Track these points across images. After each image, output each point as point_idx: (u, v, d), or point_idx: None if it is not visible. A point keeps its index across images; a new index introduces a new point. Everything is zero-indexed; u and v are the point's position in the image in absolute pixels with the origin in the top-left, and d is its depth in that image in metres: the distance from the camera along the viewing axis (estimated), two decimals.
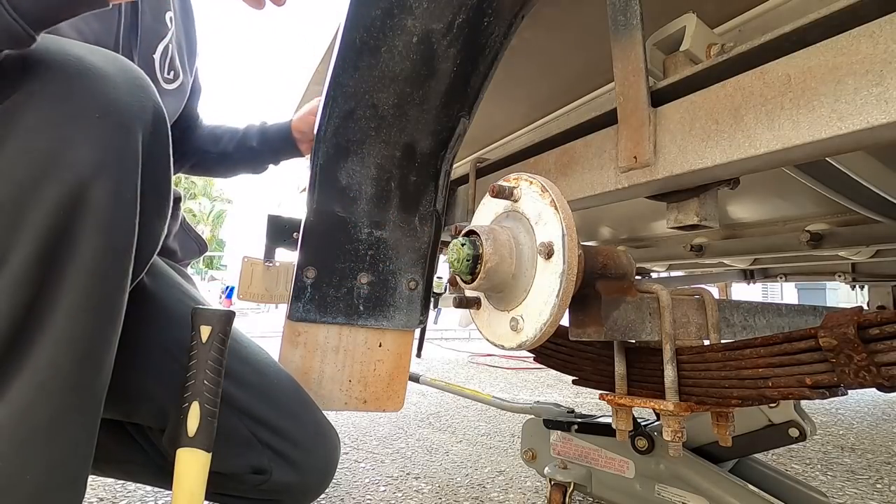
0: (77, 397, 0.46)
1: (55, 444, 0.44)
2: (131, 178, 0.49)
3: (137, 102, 0.50)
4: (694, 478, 0.82)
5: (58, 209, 0.44)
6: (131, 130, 0.49)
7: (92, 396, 0.48)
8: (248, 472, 0.73)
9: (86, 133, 0.46)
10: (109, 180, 0.47)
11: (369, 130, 0.85)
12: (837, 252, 1.37)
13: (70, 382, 0.45)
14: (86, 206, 0.45)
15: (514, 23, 0.81)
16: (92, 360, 0.47)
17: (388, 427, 1.71)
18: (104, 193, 0.46)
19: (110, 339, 0.50)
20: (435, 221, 0.96)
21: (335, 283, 0.88)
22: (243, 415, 0.73)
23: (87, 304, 0.46)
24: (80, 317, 0.45)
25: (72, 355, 0.45)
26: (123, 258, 0.49)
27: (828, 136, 0.45)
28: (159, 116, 0.53)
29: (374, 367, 0.91)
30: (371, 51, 0.82)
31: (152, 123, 0.52)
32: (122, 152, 0.48)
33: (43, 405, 0.43)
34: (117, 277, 0.49)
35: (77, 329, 0.45)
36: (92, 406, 0.48)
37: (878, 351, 0.43)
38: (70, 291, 0.45)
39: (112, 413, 0.73)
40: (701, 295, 0.64)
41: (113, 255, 0.48)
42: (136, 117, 0.50)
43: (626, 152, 0.64)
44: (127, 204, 0.49)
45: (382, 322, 0.90)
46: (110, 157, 0.47)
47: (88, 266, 0.46)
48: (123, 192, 0.48)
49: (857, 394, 2.40)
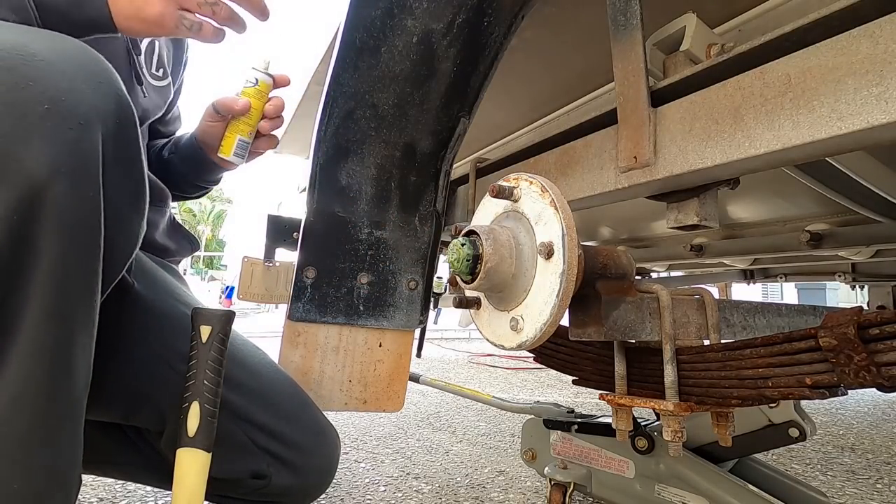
0: (55, 405, 0.44)
1: (37, 453, 0.43)
2: (90, 174, 0.45)
3: (94, 91, 0.46)
4: (694, 478, 0.82)
5: (10, 216, 0.41)
6: (88, 122, 0.45)
7: (71, 402, 0.46)
8: (247, 476, 0.73)
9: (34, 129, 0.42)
10: (66, 178, 0.43)
11: (369, 130, 0.85)
12: (837, 252, 1.37)
13: (46, 391, 0.43)
14: (43, 210, 0.42)
15: (514, 23, 0.81)
16: (66, 366, 0.45)
17: (388, 427, 1.71)
18: (61, 194, 0.43)
19: (85, 343, 0.48)
20: (435, 221, 0.96)
21: (335, 283, 0.88)
22: (240, 419, 0.73)
23: (54, 310, 0.44)
24: (48, 324, 0.43)
25: (44, 365, 0.43)
26: (90, 259, 0.47)
27: (828, 136, 0.45)
28: (123, 105, 0.49)
29: (374, 368, 0.91)
30: (371, 51, 0.82)
31: (115, 113, 0.48)
32: (80, 148, 0.44)
33: (19, 417, 0.42)
34: (85, 280, 0.47)
35: (47, 337, 0.43)
36: (72, 411, 0.47)
37: (878, 351, 0.43)
38: (35, 299, 0.43)
39: (109, 416, 0.73)
40: (701, 295, 0.64)
41: (77, 257, 0.45)
42: (93, 107, 0.46)
43: (626, 152, 0.64)
44: (88, 202, 0.45)
45: (382, 322, 0.90)
46: (64, 154, 0.43)
47: (52, 271, 0.43)
48: (83, 191, 0.45)
49: (857, 394, 2.40)
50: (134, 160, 0.52)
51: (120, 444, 0.81)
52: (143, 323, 0.73)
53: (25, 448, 0.43)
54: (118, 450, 0.81)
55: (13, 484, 0.42)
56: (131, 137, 0.51)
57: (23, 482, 0.42)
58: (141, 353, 0.71)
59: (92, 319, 0.48)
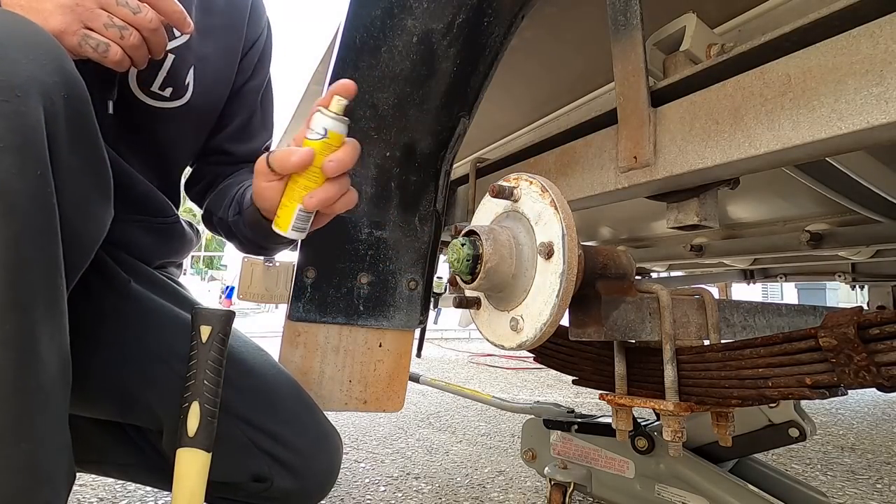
0: (24, 397, 0.43)
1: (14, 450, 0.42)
2: (35, 151, 0.42)
3: (31, 61, 0.43)
4: (694, 478, 0.82)
5: None
6: (27, 94, 0.42)
7: (44, 394, 0.45)
8: (248, 480, 0.72)
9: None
10: (7, 156, 0.40)
11: (369, 130, 0.85)
12: (837, 252, 1.37)
13: (15, 386, 0.42)
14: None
15: (514, 23, 0.81)
16: (33, 357, 0.43)
17: (388, 427, 1.71)
18: (3, 171, 0.40)
19: (52, 333, 0.45)
20: (435, 221, 0.96)
21: (335, 283, 0.88)
22: (241, 422, 0.72)
23: (12, 299, 0.41)
24: (7, 315, 0.41)
25: (8, 356, 0.41)
26: (47, 243, 0.44)
27: (828, 136, 0.45)
28: (69, 78, 0.46)
29: (374, 368, 0.91)
30: (371, 51, 0.82)
31: (60, 85, 0.44)
32: (19, 122, 0.41)
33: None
34: (44, 265, 0.44)
35: (7, 328, 0.41)
36: (46, 403, 0.45)
37: (878, 351, 0.43)
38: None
39: (104, 413, 0.73)
40: (701, 295, 0.64)
41: (31, 241, 0.42)
42: (31, 78, 0.42)
43: (626, 152, 0.64)
44: (37, 181, 0.42)
45: (382, 322, 0.90)
46: (2, 129, 0.40)
47: (3, 258, 0.40)
48: (29, 168, 0.42)
49: (857, 394, 2.40)
50: (89, 138, 0.49)
51: (121, 444, 0.81)
52: (140, 321, 0.72)
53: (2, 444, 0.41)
54: (118, 450, 0.81)
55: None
56: (82, 113, 0.47)
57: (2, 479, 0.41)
58: (137, 351, 0.71)
59: (59, 309, 0.46)
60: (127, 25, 0.53)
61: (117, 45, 0.53)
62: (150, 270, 0.80)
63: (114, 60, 0.54)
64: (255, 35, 0.86)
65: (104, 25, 0.52)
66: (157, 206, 0.78)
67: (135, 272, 0.76)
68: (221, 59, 0.80)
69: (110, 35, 0.52)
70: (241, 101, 0.86)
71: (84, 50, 0.52)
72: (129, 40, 0.54)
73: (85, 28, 0.51)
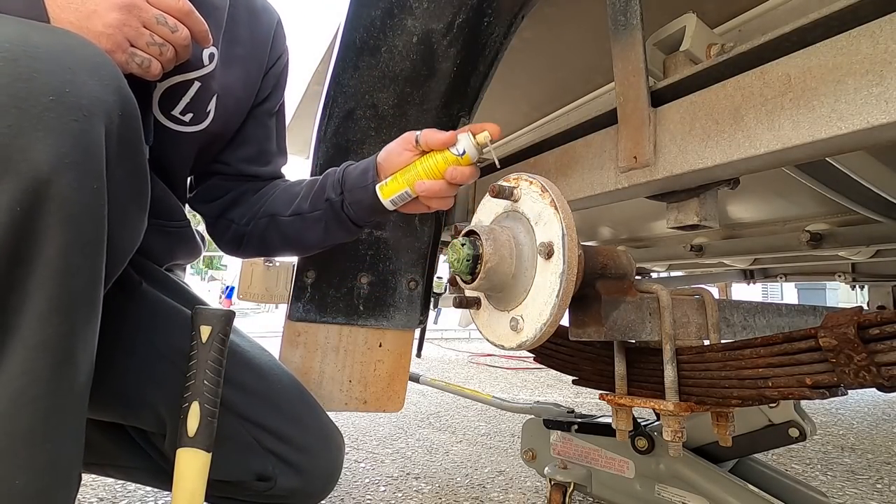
0: (58, 400, 0.44)
1: (40, 449, 0.43)
2: (95, 166, 0.45)
3: (97, 82, 0.46)
4: (694, 478, 0.82)
5: (13, 207, 0.41)
6: (92, 114, 0.45)
7: (74, 397, 0.46)
8: (252, 479, 0.73)
9: (39, 121, 0.42)
10: (71, 171, 0.43)
11: (369, 130, 0.85)
12: (837, 252, 1.37)
13: (50, 387, 0.43)
14: (47, 202, 0.42)
15: (514, 23, 0.81)
16: (70, 361, 0.45)
17: (388, 427, 1.71)
18: (66, 185, 0.43)
19: (88, 338, 0.47)
20: (435, 221, 0.96)
21: (335, 283, 0.88)
22: (246, 421, 0.73)
23: (58, 304, 0.43)
24: (52, 318, 0.43)
25: (48, 359, 0.43)
26: (94, 253, 0.47)
27: (828, 136, 0.45)
28: (125, 97, 0.49)
29: (374, 368, 0.91)
30: (371, 51, 0.82)
31: (118, 105, 0.47)
32: (85, 139, 0.44)
33: (22, 412, 0.42)
34: (89, 273, 0.46)
35: (50, 331, 0.43)
36: (75, 406, 0.47)
37: (878, 351, 0.43)
38: (38, 293, 0.42)
39: (112, 416, 0.73)
40: (701, 295, 0.64)
41: (81, 250, 0.45)
42: (97, 99, 0.45)
43: (626, 152, 0.64)
44: (93, 195, 0.45)
45: (382, 322, 0.90)
46: (69, 145, 0.43)
47: (55, 265, 0.43)
48: (88, 183, 0.45)
49: (857, 394, 2.40)
50: (137, 154, 0.52)
51: (122, 446, 0.81)
52: (149, 321, 0.72)
53: (28, 444, 0.42)
54: (120, 453, 0.81)
55: (16, 480, 0.42)
56: (134, 130, 0.50)
57: (26, 479, 0.42)
58: (145, 352, 0.71)
59: (95, 314, 0.48)
60: (165, 42, 0.57)
61: (158, 60, 0.58)
62: (160, 270, 0.81)
63: (153, 74, 0.58)
64: (274, 61, 0.87)
65: (147, 44, 0.56)
66: (171, 209, 0.79)
67: (146, 273, 0.76)
68: (242, 88, 0.82)
69: (152, 52, 0.57)
70: (255, 123, 0.87)
71: (131, 67, 0.56)
72: (166, 56, 0.58)
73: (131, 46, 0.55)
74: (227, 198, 0.86)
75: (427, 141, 0.67)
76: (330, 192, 0.75)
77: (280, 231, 0.80)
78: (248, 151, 0.86)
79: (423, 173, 0.67)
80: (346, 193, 0.73)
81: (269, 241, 0.82)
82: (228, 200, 0.86)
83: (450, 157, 0.66)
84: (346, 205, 0.73)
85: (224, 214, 0.86)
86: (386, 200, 0.69)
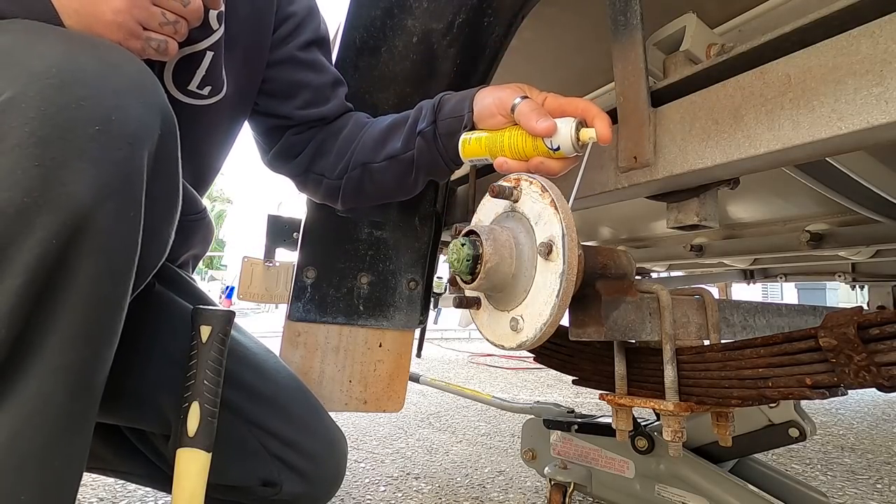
0: (69, 422, 0.44)
1: (48, 468, 0.43)
2: (135, 195, 0.44)
3: (142, 106, 0.45)
4: (694, 478, 0.82)
5: (49, 240, 0.40)
6: (138, 142, 0.44)
7: (85, 419, 0.46)
8: (257, 484, 0.72)
9: (83, 152, 0.40)
10: (110, 202, 0.42)
11: None
12: (837, 252, 1.37)
13: (64, 410, 0.43)
14: (84, 235, 0.41)
15: (514, 23, 0.81)
16: (87, 386, 0.45)
17: (388, 427, 1.71)
18: (104, 217, 0.42)
19: (106, 358, 0.47)
20: (435, 221, 0.96)
21: (335, 283, 0.88)
22: (254, 426, 0.72)
23: (83, 331, 0.43)
24: (75, 344, 0.43)
25: (66, 384, 0.43)
26: (124, 279, 0.46)
27: (828, 136, 0.45)
28: (168, 118, 0.48)
29: (374, 368, 0.91)
30: (371, 51, 0.82)
31: (161, 127, 0.46)
32: (128, 168, 0.43)
33: (35, 433, 0.42)
34: (117, 300, 0.46)
35: (72, 356, 0.43)
36: (85, 426, 0.47)
37: (878, 351, 0.43)
38: (65, 319, 0.42)
39: (119, 420, 0.72)
40: (701, 295, 0.64)
41: (112, 278, 0.45)
42: (142, 125, 0.44)
43: (626, 152, 0.64)
44: (129, 222, 0.45)
45: (382, 322, 0.90)
46: (114, 178, 0.42)
47: (85, 292, 0.42)
48: (126, 212, 0.44)
49: (857, 394, 2.40)
50: (173, 173, 0.51)
51: (120, 453, 0.80)
52: (161, 324, 0.71)
53: (37, 464, 0.42)
54: (119, 460, 0.80)
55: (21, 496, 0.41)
56: (173, 148, 0.49)
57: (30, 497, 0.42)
58: (158, 355, 0.70)
59: (116, 336, 0.48)
60: (179, 18, 0.53)
61: (173, 39, 0.54)
62: (172, 269, 0.79)
63: (171, 55, 0.54)
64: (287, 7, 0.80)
65: (160, 24, 0.52)
66: (190, 202, 0.76)
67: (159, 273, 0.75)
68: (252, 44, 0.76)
69: (167, 32, 0.53)
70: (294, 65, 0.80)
71: (147, 52, 0.52)
72: (181, 32, 0.54)
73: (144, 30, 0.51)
74: (307, 151, 0.81)
75: (522, 121, 0.60)
76: (421, 123, 0.70)
77: (374, 180, 0.76)
78: (303, 97, 0.80)
79: (509, 150, 0.62)
80: (438, 123, 0.68)
81: (365, 192, 0.78)
82: (310, 153, 0.81)
83: (541, 147, 0.59)
84: (438, 135, 0.68)
85: (311, 169, 0.81)
86: (464, 158, 0.66)
